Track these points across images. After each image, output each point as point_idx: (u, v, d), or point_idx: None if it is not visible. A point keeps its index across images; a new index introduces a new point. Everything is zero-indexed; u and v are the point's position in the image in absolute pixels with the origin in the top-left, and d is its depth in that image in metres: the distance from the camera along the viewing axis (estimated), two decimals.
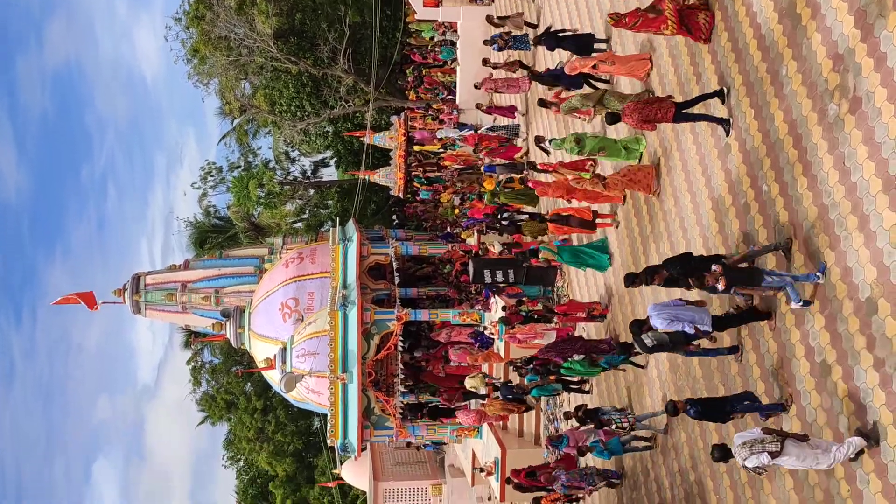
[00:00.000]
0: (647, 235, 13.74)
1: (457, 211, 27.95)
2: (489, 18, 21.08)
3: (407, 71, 33.36)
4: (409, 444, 32.57)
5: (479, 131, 25.44)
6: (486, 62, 21.65)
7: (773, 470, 9.93)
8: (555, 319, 16.58)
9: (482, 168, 23.79)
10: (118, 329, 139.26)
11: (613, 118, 12.33)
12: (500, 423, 20.66)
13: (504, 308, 17.30)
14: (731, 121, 10.96)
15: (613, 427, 13.55)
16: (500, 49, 20.90)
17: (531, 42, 18.60)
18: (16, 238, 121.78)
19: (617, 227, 14.87)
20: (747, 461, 8.41)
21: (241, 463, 52.67)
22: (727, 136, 11.04)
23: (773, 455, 8.24)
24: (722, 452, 8.86)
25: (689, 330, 10.06)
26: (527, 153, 21.12)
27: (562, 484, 14.22)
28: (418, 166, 30.70)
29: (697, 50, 11.91)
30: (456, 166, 26.82)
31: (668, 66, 12.84)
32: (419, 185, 30.78)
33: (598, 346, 14.22)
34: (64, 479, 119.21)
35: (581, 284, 17.13)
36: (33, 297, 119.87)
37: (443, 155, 28.33)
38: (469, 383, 19.67)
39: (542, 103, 16.11)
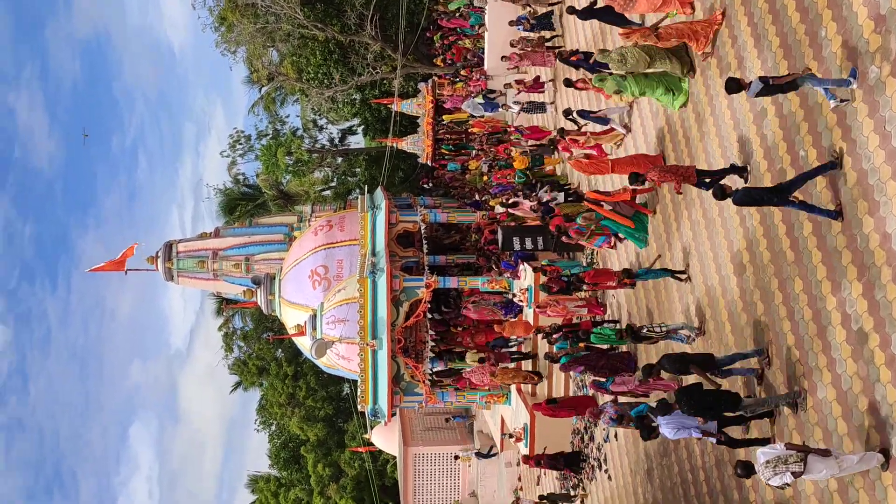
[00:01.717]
0: (678, 202, 13.58)
1: (485, 178, 27.82)
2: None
3: (434, 37, 33.06)
4: (447, 421, 33.03)
5: (500, 108, 25.31)
6: (513, 44, 21.42)
7: (807, 437, 9.89)
8: (584, 287, 16.49)
9: (511, 136, 23.62)
10: (151, 296, 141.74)
11: (636, 177, 12.49)
12: (529, 389, 20.76)
13: (545, 273, 17.09)
14: (748, 168, 11.11)
15: (644, 332, 13.03)
16: (525, 30, 20.77)
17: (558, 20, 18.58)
18: (50, 206, 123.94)
19: (654, 214, 14.61)
20: (771, 480, 8.53)
21: (273, 427, 53.62)
22: (745, 182, 11.17)
23: (797, 475, 8.40)
24: (746, 469, 8.99)
25: (697, 435, 10.39)
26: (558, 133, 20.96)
27: (609, 417, 13.52)
28: (445, 133, 30.57)
29: (734, 12, 11.65)
30: (484, 132, 26.64)
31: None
32: (447, 152, 30.64)
33: (619, 364, 14.93)
34: (102, 442, 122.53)
35: (611, 251, 17.02)
36: (68, 264, 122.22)
37: (471, 122, 28.14)
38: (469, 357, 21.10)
39: (568, 83, 15.91)
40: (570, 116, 16.46)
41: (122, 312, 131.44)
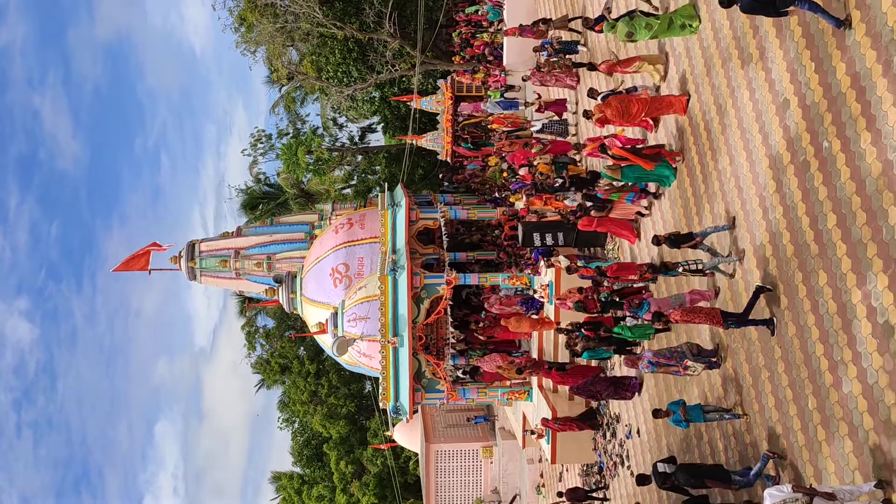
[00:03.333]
0: (700, 195, 13.46)
1: (504, 174, 27.75)
2: (536, 30, 20.75)
3: (453, 34, 33.03)
4: (469, 420, 33.08)
5: (518, 107, 25.14)
6: (540, 67, 21.19)
7: (832, 432, 9.77)
8: (605, 283, 16.37)
9: (531, 133, 23.37)
10: (174, 295, 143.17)
11: (659, 317, 12.29)
12: (551, 385, 20.67)
13: (581, 290, 16.75)
14: (774, 321, 11.02)
15: (680, 270, 12.38)
16: (549, 56, 20.53)
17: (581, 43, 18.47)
18: (75, 207, 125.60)
19: (682, 160, 14.16)
20: None
21: (296, 425, 53.93)
22: (772, 335, 11.09)
23: None
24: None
25: None
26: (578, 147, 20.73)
27: (648, 361, 12.58)
28: (464, 130, 30.52)
29: None
30: (504, 129, 26.54)
31: (724, 20, 12.44)
32: (466, 150, 30.57)
33: (623, 383, 15.63)
34: (128, 439, 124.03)
35: (632, 246, 16.91)
36: (93, 264, 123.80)
37: (490, 118, 28.08)
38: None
39: (592, 67, 15.85)
40: (596, 97, 16.31)
41: (147, 311, 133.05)
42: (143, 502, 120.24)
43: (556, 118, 21.73)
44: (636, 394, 16.15)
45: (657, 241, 13.00)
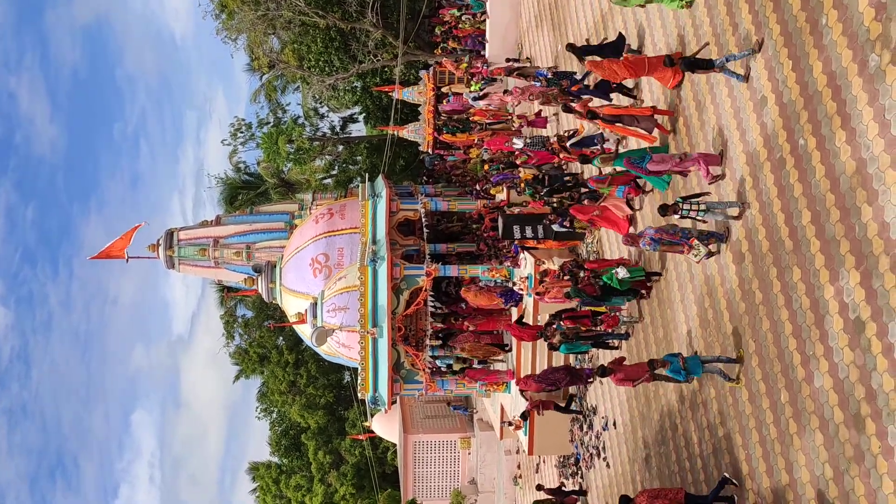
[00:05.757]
0: (678, 192, 13.56)
1: (486, 167, 27.78)
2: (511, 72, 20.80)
3: (436, 27, 32.94)
4: (448, 404, 33.19)
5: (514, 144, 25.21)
6: (532, 96, 21.02)
7: (804, 425, 9.94)
8: (582, 274, 16.46)
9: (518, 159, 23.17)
10: (152, 283, 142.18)
11: (626, 501, 11.83)
12: (530, 364, 20.82)
13: (574, 279, 16.64)
14: (736, 483, 11.37)
15: (678, 217, 11.70)
16: (543, 85, 20.46)
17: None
18: (51, 192, 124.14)
19: (674, 134, 13.88)
20: None
21: (274, 415, 53.84)
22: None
23: None
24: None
25: None
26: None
27: (650, 238, 11.44)
28: (447, 118, 30.46)
29: (734, 0, 11.60)
30: (486, 121, 26.56)
31: (704, 17, 12.53)
32: (448, 137, 30.49)
33: (579, 374, 16.13)
34: (104, 427, 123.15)
35: (611, 240, 17.03)
36: (69, 250, 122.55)
37: (472, 110, 28.06)
38: None
39: (571, 48, 15.53)
40: (565, 143, 16.42)
41: (124, 299, 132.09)
42: (118, 490, 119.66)
43: (538, 135, 21.79)
44: (593, 381, 16.87)
45: (671, 61, 11.68)
